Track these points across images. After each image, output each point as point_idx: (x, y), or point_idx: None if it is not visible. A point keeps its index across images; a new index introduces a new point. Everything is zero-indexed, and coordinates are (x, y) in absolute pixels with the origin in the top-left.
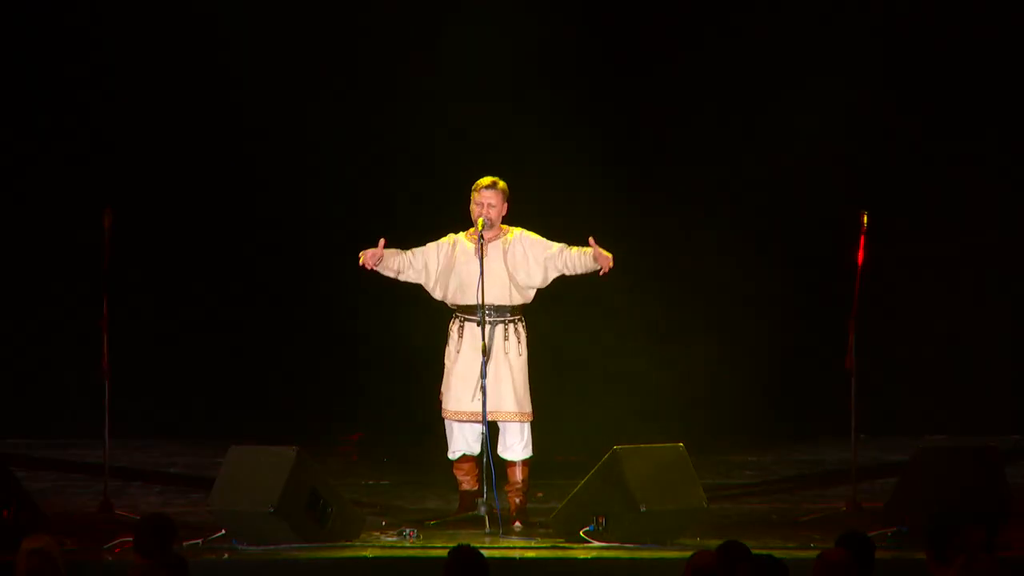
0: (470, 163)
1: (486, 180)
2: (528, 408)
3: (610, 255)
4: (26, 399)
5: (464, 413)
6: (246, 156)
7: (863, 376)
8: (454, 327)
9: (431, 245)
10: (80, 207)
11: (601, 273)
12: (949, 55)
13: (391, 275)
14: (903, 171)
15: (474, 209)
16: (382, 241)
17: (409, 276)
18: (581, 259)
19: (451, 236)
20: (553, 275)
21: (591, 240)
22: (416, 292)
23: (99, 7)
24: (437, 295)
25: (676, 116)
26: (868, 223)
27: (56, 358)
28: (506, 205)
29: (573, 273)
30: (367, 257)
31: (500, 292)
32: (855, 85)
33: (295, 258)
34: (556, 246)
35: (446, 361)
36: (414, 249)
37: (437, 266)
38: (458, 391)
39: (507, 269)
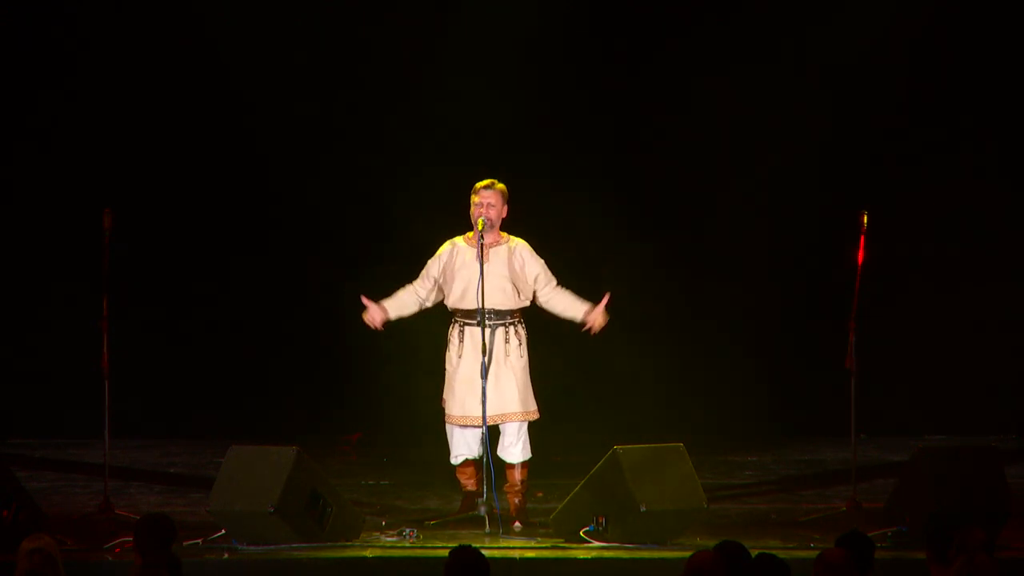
0: (470, 164)
1: (485, 181)
2: (531, 407)
3: (603, 322)
4: (26, 399)
5: (471, 418)
6: (246, 157)
7: (863, 376)
8: (454, 332)
9: (430, 264)
10: (80, 207)
11: (587, 329)
12: (949, 55)
13: (415, 312)
14: (903, 171)
15: (474, 211)
16: (372, 307)
17: (431, 302)
18: (571, 307)
19: (447, 243)
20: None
21: (606, 298)
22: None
23: (99, 7)
24: (448, 302)
25: (676, 115)
26: (868, 223)
27: (56, 358)
28: (506, 207)
29: (552, 312)
30: (374, 321)
31: (501, 296)
32: (856, 85)
33: (295, 258)
34: (546, 281)
35: (447, 367)
36: (416, 283)
37: (440, 278)
38: (463, 396)
39: (508, 274)
